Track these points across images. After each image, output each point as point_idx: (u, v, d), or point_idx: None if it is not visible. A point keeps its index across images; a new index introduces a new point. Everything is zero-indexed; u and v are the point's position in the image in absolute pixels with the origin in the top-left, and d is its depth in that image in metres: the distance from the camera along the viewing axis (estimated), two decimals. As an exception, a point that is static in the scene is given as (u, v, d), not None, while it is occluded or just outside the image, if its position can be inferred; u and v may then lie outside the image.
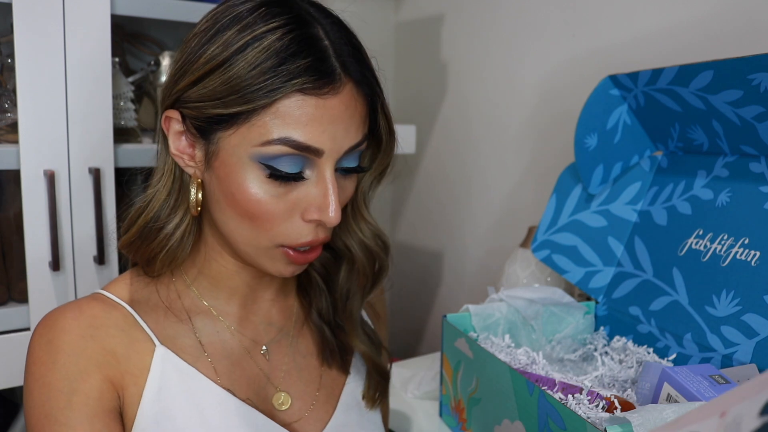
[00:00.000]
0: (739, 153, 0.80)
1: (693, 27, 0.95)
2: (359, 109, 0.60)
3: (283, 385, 0.70)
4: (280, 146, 0.56)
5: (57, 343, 0.61)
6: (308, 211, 0.60)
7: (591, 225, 0.94)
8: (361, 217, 0.70)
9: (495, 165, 1.36)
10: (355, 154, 0.62)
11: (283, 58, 0.55)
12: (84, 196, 1.04)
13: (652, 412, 0.54)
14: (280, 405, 0.69)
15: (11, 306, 1.05)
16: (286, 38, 0.56)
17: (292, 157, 0.57)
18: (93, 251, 1.06)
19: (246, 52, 0.55)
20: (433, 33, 1.50)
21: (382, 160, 0.68)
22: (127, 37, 1.28)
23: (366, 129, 0.62)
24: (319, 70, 0.56)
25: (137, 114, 1.18)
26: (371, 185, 0.70)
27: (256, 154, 0.57)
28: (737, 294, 0.74)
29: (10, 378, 1.04)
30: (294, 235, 0.60)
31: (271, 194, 0.58)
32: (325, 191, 0.59)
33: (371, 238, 0.71)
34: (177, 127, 0.61)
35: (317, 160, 0.59)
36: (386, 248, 0.72)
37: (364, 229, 0.71)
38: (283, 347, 0.72)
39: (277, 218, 0.59)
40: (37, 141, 0.99)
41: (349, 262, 0.72)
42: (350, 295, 0.73)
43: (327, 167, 0.59)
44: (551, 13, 1.20)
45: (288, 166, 0.58)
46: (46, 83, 0.99)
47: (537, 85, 1.24)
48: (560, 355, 0.88)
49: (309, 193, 0.59)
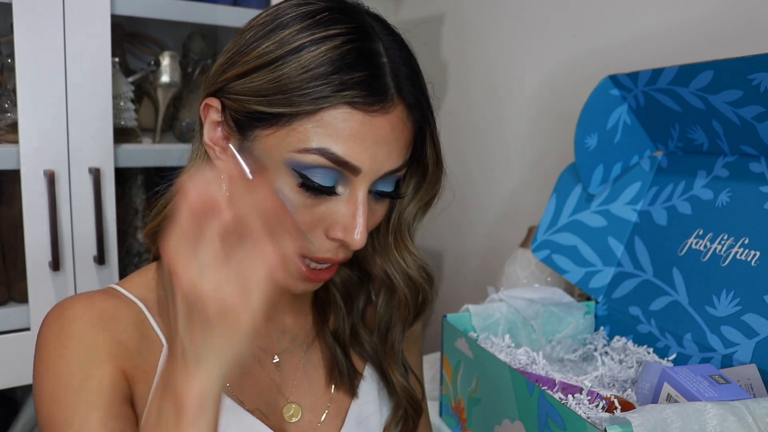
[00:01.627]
0: (739, 153, 0.80)
1: (693, 27, 0.95)
2: (406, 133, 0.58)
3: (293, 396, 0.68)
4: (317, 156, 0.54)
5: (68, 330, 0.59)
6: (333, 228, 0.57)
7: (591, 225, 0.94)
8: (405, 247, 0.68)
9: (495, 165, 1.36)
10: (392, 179, 0.59)
11: (338, 68, 0.53)
12: (84, 196, 1.04)
13: (652, 412, 0.54)
14: (290, 417, 0.67)
15: (11, 306, 1.05)
16: (344, 48, 0.54)
17: (327, 170, 0.55)
18: (93, 251, 1.06)
19: (301, 53, 0.53)
20: (433, 33, 1.50)
21: (427, 191, 0.65)
22: (127, 37, 1.29)
23: (408, 156, 0.60)
24: (371, 86, 0.54)
25: (137, 114, 1.18)
26: (416, 216, 0.67)
27: (290, 160, 0.54)
28: (737, 294, 0.74)
29: (10, 378, 1.04)
30: (314, 248, 0.58)
31: (299, 204, 0.56)
32: (354, 212, 0.56)
33: (415, 269, 0.68)
34: (215, 117, 0.59)
35: (353, 178, 0.56)
36: (431, 280, 0.70)
37: (408, 260, 0.68)
38: (296, 357, 0.70)
39: (300, 224, 0.57)
40: (37, 141, 0.99)
41: (389, 290, 0.70)
42: (391, 326, 0.71)
43: (361, 187, 0.56)
44: (551, 13, 1.20)
45: (322, 179, 0.55)
46: (46, 83, 0.99)
47: (537, 85, 1.24)
48: (560, 355, 0.88)
49: (338, 210, 0.57)
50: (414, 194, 0.66)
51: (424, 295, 0.70)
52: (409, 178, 0.65)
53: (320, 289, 0.72)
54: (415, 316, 0.71)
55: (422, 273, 0.69)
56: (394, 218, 0.67)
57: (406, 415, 0.72)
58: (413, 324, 0.72)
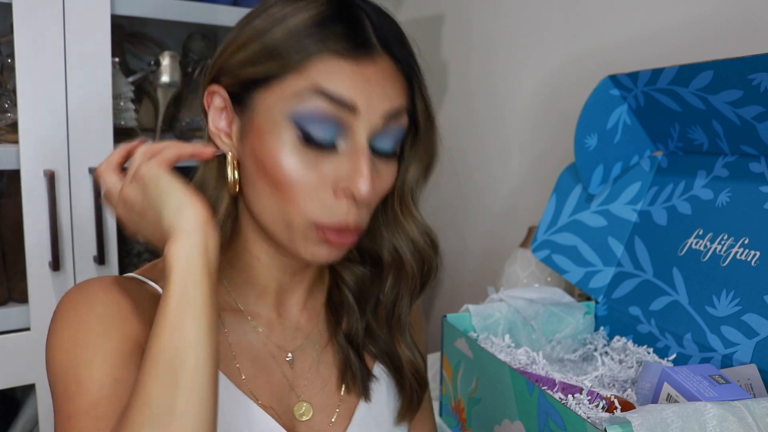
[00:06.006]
0: (739, 153, 0.80)
1: (693, 27, 0.95)
2: (398, 83, 0.59)
3: (305, 394, 0.68)
4: (313, 99, 0.56)
5: (90, 298, 0.59)
6: (339, 184, 0.58)
7: (591, 225, 0.94)
8: (410, 213, 0.68)
9: (495, 165, 1.36)
10: (392, 135, 0.60)
11: (321, 25, 0.56)
12: (84, 196, 1.04)
13: (652, 412, 0.54)
14: (301, 415, 0.67)
15: (11, 306, 1.05)
16: (326, 12, 0.57)
17: (326, 120, 0.56)
18: (93, 251, 1.06)
19: (286, 21, 0.57)
20: (433, 33, 1.50)
21: (423, 149, 0.65)
22: (127, 37, 1.29)
23: (406, 102, 0.60)
24: (354, 39, 0.57)
25: (137, 114, 1.19)
26: (418, 181, 0.67)
27: (289, 112, 0.56)
28: (737, 294, 0.74)
29: (10, 378, 1.04)
30: (325, 211, 0.58)
31: (302, 162, 0.57)
32: (357, 161, 0.57)
33: (419, 235, 0.68)
34: (218, 102, 0.62)
35: (352, 127, 0.57)
36: (435, 246, 0.70)
37: (413, 227, 0.68)
38: (309, 356, 0.70)
39: (306, 190, 0.57)
40: (37, 141, 0.99)
41: (397, 267, 0.70)
42: (398, 299, 0.71)
43: (361, 135, 0.57)
44: (551, 13, 1.20)
45: (322, 130, 0.56)
46: (46, 83, 0.99)
47: (537, 85, 1.24)
48: (560, 355, 0.88)
49: (341, 167, 0.58)
50: (413, 156, 0.66)
51: (429, 262, 0.69)
52: (409, 142, 0.65)
53: (334, 289, 0.73)
54: (422, 286, 0.70)
55: (427, 239, 0.69)
56: (399, 186, 0.67)
57: (411, 390, 0.72)
58: (420, 295, 0.71)
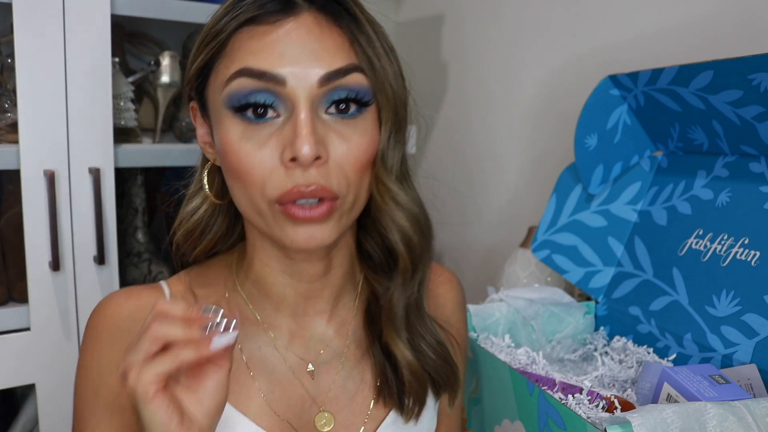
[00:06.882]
0: (739, 153, 0.80)
1: (693, 27, 0.95)
2: (333, 37, 0.55)
3: (327, 406, 0.64)
4: (239, 79, 0.54)
5: (99, 329, 0.62)
6: (284, 153, 0.54)
7: (591, 225, 0.94)
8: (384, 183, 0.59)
9: (495, 165, 1.36)
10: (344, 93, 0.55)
11: (233, 3, 0.57)
12: (84, 196, 1.04)
13: (652, 412, 0.54)
14: (323, 426, 0.63)
15: (11, 306, 1.05)
16: None
17: (257, 98, 0.54)
18: (93, 251, 1.06)
19: (216, 12, 0.58)
20: (433, 33, 1.50)
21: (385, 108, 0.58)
22: (127, 37, 1.29)
23: (354, 58, 0.56)
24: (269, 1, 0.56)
25: (137, 114, 1.18)
26: (389, 141, 0.59)
27: (223, 99, 0.56)
28: (737, 294, 0.74)
29: (10, 378, 1.04)
30: (279, 185, 0.55)
31: (251, 144, 0.55)
32: (294, 126, 0.54)
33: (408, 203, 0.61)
34: (198, 116, 0.63)
35: (288, 97, 0.54)
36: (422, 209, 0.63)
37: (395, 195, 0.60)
38: (333, 369, 0.66)
39: (259, 167, 0.55)
40: (37, 141, 0.99)
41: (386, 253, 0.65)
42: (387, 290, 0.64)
43: (298, 101, 0.54)
44: (551, 12, 1.20)
45: (255, 108, 0.55)
46: (46, 83, 0.99)
47: (537, 85, 1.24)
48: (560, 355, 0.88)
49: (286, 138, 0.54)
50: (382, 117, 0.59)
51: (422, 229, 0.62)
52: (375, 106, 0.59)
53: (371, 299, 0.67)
54: (414, 267, 0.63)
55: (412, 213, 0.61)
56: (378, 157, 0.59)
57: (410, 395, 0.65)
58: (414, 277, 0.64)
